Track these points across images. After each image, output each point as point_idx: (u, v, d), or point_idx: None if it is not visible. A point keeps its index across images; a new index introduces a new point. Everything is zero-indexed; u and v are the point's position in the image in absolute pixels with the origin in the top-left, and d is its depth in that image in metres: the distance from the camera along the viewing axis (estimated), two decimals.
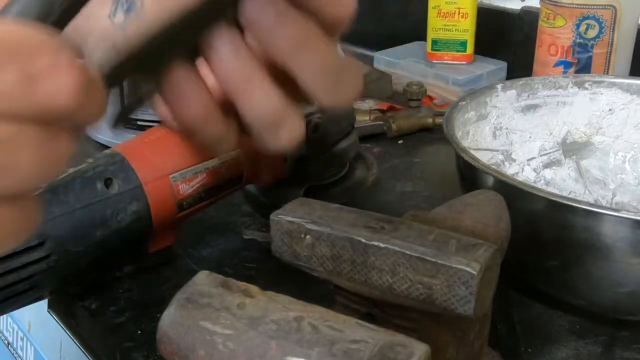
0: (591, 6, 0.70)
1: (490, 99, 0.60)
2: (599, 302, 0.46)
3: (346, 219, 0.33)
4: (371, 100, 0.87)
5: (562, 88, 0.62)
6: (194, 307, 0.29)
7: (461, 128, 0.56)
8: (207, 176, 0.50)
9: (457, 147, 0.49)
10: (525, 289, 0.50)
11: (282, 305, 0.28)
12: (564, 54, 0.73)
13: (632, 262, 0.41)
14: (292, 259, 0.34)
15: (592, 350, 0.45)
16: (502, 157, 0.61)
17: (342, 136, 0.62)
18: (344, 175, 0.64)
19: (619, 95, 0.61)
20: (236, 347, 0.27)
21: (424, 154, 0.77)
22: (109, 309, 0.49)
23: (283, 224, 0.34)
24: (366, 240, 0.32)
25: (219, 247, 0.57)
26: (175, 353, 0.28)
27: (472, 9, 0.93)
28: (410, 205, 0.64)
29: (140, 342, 0.45)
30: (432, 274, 0.30)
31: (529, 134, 0.62)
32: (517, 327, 0.47)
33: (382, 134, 0.80)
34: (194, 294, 0.29)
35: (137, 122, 0.73)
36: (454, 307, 0.30)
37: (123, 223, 0.45)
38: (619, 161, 0.62)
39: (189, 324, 0.28)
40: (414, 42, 1.03)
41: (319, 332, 0.27)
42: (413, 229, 0.32)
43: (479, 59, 0.97)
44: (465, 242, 0.31)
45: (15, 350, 0.72)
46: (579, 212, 0.41)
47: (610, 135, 0.62)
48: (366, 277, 0.32)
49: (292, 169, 0.57)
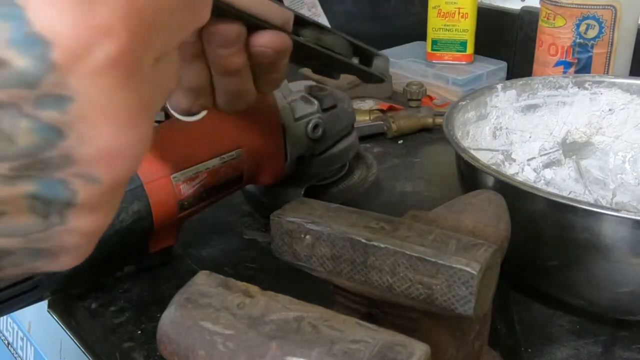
0: (591, 6, 0.70)
1: (490, 99, 0.60)
2: (599, 302, 0.46)
3: (346, 219, 0.33)
4: (371, 100, 0.87)
5: (562, 88, 0.62)
6: (194, 307, 0.29)
7: (461, 128, 0.56)
8: (207, 176, 0.50)
9: (457, 147, 0.49)
10: (525, 289, 0.50)
11: (282, 305, 0.28)
12: (564, 54, 0.73)
13: (632, 262, 0.41)
14: (292, 259, 0.34)
15: (592, 350, 0.45)
16: (502, 157, 0.61)
17: (342, 136, 0.62)
18: (343, 175, 0.64)
19: (619, 95, 0.61)
20: (236, 347, 0.27)
21: (424, 154, 0.77)
22: (109, 309, 0.49)
23: (283, 224, 0.34)
24: (366, 240, 0.32)
25: (219, 247, 0.57)
26: (175, 353, 0.28)
27: (472, 9, 0.93)
28: (410, 205, 0.64)
29: (140, 342, 0.46)
30: (432, 274, 0.30)
31: (529, 134, 0.62)
32: (517, 327, 0.47)
33: (382, 134, 0.80)
34: (194, 294, 0.29)
35: None
36: (454, 307, 0.30)
37: (124, 223, 0.45)
38: (619, 161, 0.62)
39: (189, 324, 0.28)
40: (414, 42, 1.03)
41: (319, 332, 0.27)
42: (413, 229, 0.32)
43: (479, 59, 0.97)
44: (465, 242, 0.31)
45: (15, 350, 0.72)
46: (579, 212, 0.41)
47: (610, 135, 0.62)
48: (366, 277, 0.32)
49: (292, 169, 0.57)
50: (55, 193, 0.20)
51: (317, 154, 0.59)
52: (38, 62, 0.18)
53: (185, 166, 0.49)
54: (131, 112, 0.21)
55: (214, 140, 0.53)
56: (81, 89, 0.19)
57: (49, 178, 0.20)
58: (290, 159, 0.56)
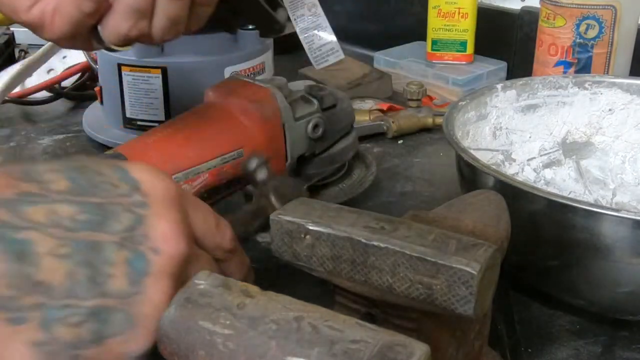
0: (591, 6, 0.70)
1: (490, 99, 0.60)
2: (599, 302, 0.46)
3: (346, 219, 0.33)
4: (371, 100, 0.87)
5: (562, 88, 0.62)
6: (194, 307, 0.29)
7: (461, 128, 0.56)
8: (209, 177, 0.50)
9: (457, 147, 0.49)
10: (525, 289, 0.50)
11: (282, 305, 0.28)
12: (564, 54, 0.73)
13: (632, 262, 0.41)
14: (292, 259, 0.34)
15: (592, 350, 0.45)
16: (502, 157, 0.61)
17: (341, 135, 0.62)
18: (343, 175, 0.64)
19: (619, 95, 0.61)
20: (236, 347, 0.27)
21: (424, 154, 0.77)
22: None
23: (283, 224, 0.34)
24: (366, 240, 0.32)
25: None
26: (175, 353, 0.28)
27: (472, 9, 0.93)
28: (410, 205, 0.64)
29: None
30: (432, 274, 0.30)
31: (529, 134, 0.62)
32: (517, 327, 0.47)
33: (382, 134, 0.80)
34: (194, 294, 0.29)
35: (137, 123, 0.74)
36: (454, 307, 0.30)
37: None
38: (619, 161, 0.62)
39: (189, 324, 0.28)
40: (414, 42, 1.03)
41: (319, 332, 0.27)
42: (413, 229, 0.32)
43: (479, 59, 0.96)
44: (465, 242, 0.31)
45: None
46: (579, 212, 0.41)
47: (610, 135, 0.62)
48: (366, 277, 0.32)
49: (293, 168, 0.57)
50: (140, 260, 0.30)
51: (317, 154, 0.60)
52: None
53: (187, 166, 0.49)
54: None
55: (215, 140, 0.53)
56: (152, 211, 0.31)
57: (137, 249, 0.30)
58: (290, 158, 0.56)
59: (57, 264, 0.28)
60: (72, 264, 0.28)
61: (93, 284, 0.28)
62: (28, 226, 0.28)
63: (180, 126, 0.55)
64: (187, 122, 0.56)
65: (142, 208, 0.31)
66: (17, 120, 0.86)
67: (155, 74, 0.71)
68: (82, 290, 0.28)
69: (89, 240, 0.29)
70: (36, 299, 0.28)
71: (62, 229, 0.29)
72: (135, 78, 0.72)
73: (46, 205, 0.29)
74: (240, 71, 0.73)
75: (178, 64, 0.71)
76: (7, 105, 0.88)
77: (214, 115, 0.56)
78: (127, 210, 0.31)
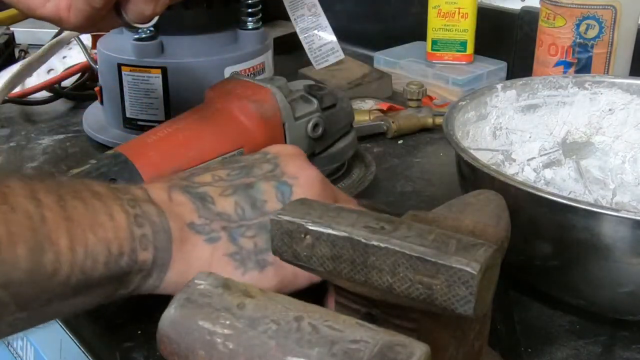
0: (591, 6, 0.70)
1: (490, 99, 0.60)
2: (599, 302, 0.46)
3: (346, 219, 0.33)
4: (371, 100, 0.87)
5: (562, 88, 0.62)
6: (194, 307, 0.29)
7: (461, 128, 0.56)
8: None
9: (457, 147, 0.49)
10: (525, 289, 0.50)
11: (282, 305, 0.28)
12: (564, 54, 0.73)
13: (632, 262, 0.41)
14: (292, 259, 0.34)
15: (592, 350, 0.45)
16: (502, 157, 0.61)
17: (341, 135, 0.62)
18: (342, 174, 0.64)
19: (619, 95, 0.61)
20: (236, 347, 0.27)
21: (424, 154, 0.77)
22: (109, 309, 0.49)
23: (283, 224, 0.34)
24: (366, 240, 0.32)
25: None
26: (175, 353, 0.28)
27: (472, 9, 0.93)
28: (410, 205, 0.64)
29: (140, 342, 0.46)
30: (432, 274, 0.30)
31: (529, 134, 0.62)
32: (517, 327, 0.47)
33: (382, 134, 0.80)
34: (194, 294, 0.29)
35: (137, 123, 0.74)
36: (454, 307, 0.30)
37: None
38: (618, 161, 0.62)
39: (189, 324, 0.28)
40: (414, 42, 1.03)
41: (319, 332, 0.27)
42: (413, 229, 0.32)
43: (479, 59, 0.96)
44: (465, 242, 0.31)
45: (15, 350, 0.72)
46: (579, 212, 0.41)
47: (610, 135, 0.62)
48: (366, 277, 0.32)
49: None
50: (284, 185, 0.43)
51: (317, 153, 0.60)
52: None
53: (187, 166, 0.49)
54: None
55: (215, 140, 0.53)
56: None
57: (280, 179, 0.43)
58: None
59: (227, 201, 0.41)
60: (237, 198, 0.41)
61: (255, 208, 0.41)
62: (201, 184, 0.42)
63: (180, 126, 0.55)
64: (187, 122, 0.56)
65: (275, 159, 0.44)
66: (17, 120, 0.86)
67: (155, 74, 0.71)
68: (249, 213, 0.41)
69: (243, 182, 0.42)
70: (220, 224, 0.40)
71: (223, 182, 0.42)
72: (135, 78, 0.72)
73: (209, 172, 0.43)
74: (240, 71, 0.73)
75: (178, 64, 0.71)
76: (7, 105, 0.88)
77: (214, 115, 0.56)
78: (265, 162, 0.44)
